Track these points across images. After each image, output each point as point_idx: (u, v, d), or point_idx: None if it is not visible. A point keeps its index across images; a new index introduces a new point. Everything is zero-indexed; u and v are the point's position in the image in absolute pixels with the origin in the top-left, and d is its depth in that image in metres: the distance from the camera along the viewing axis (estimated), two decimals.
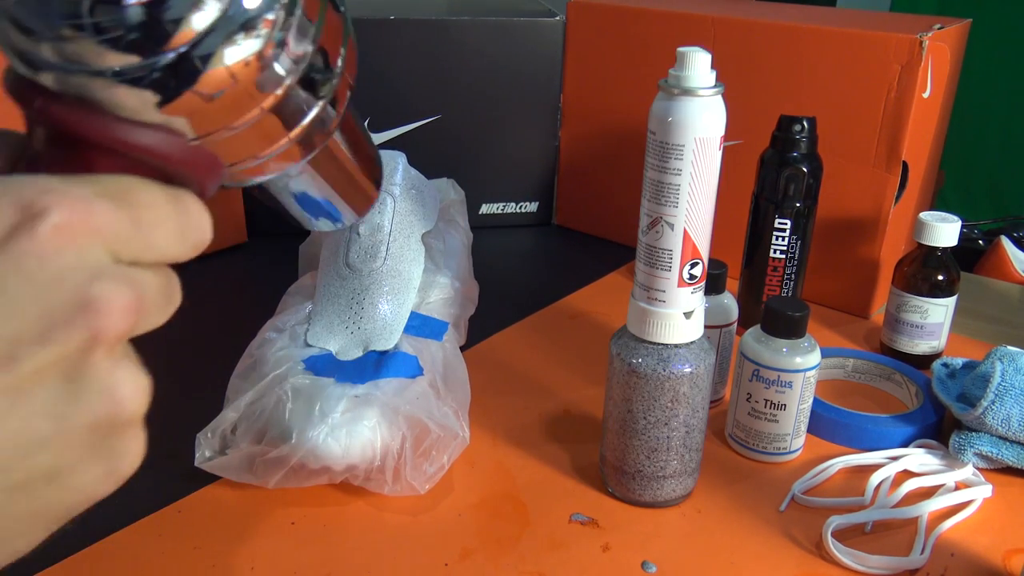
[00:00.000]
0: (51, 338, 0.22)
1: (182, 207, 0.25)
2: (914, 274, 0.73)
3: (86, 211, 0.22)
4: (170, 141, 0.24)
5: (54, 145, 0.24)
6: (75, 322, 0.22)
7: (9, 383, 0.21)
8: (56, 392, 0.22)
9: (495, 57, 0.97)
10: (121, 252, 0.23)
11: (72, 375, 0.23)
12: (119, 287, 0.23)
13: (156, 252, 0.24)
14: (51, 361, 0.22)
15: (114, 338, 0.23)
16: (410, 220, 0.67)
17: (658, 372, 0.52)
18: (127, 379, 0.24)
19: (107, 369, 0.23)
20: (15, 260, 0.21)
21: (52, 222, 0.22)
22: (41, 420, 0.22)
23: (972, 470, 0.59)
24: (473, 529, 0.54)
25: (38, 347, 0.22)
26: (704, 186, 0.49)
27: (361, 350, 0.60)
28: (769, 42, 0.82)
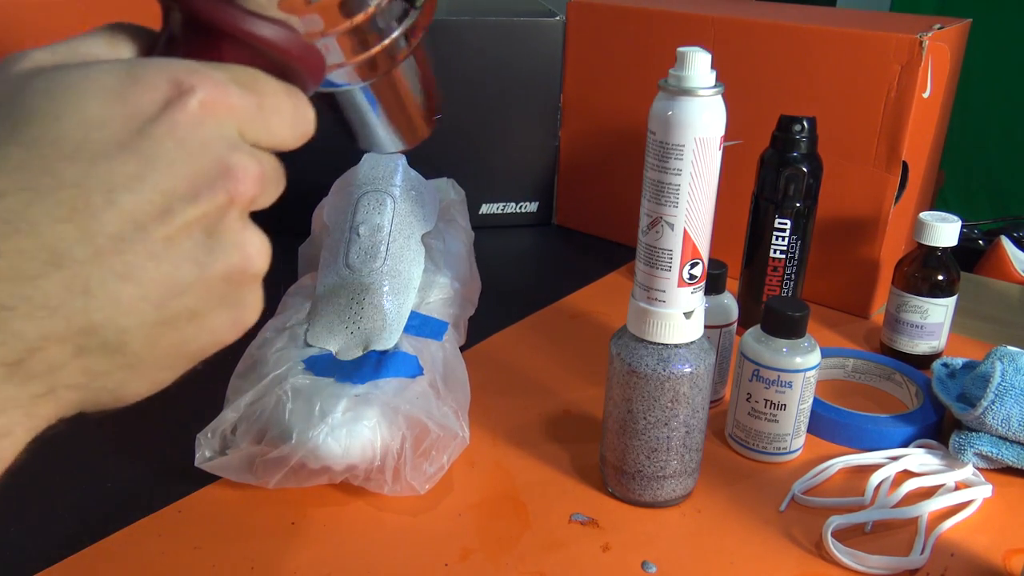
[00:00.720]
0: (198, 196, 0.25)
1: (295, 99, 0.29)
2: (914, 274, 0.73)
3: (224, 92, 0.26)
4: (289, 36, 0.28)
5: (190, 32, 0.28)
6: (217, 184, 0.26)
7: (165, 233, 0.25)
8: (200, 244, 0.26)
9: (495, 57, 0.97)
10: (247, 132, 0.27)
11: (212, 231, 0.26)
12: (250, 159, 0.27)
13: (273, 136, 0.28)
14: (197, 217, 0.25)
15: (246, 202, 0.27)
16: (410, 221, 0.67)
17: (658, 372, 0.52)
18: (254, 239, 0.28)
19: (239, 229, 0.27)
20: (170, 127, 0.25)
21: (199, 97, 0.25)
22: (188, 266, 0.26)
23: (972, 470, 0.59)
24: (473, 529, 0.54)
25: (188, 203, 0.25)
26: (704, 186, 0.49)
27: (361, 350, 0.60)
28: (769, 42, 0.82)
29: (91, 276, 0.24)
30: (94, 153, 0.24)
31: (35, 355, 0.24)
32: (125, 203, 0.24)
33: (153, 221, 0.25)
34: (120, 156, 0.24)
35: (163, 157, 0.25)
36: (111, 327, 0.24)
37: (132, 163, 0.24)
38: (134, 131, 0.24)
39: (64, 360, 0.24)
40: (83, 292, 0.24)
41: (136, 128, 0.24)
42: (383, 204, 0.66)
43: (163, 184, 0.25)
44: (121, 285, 0.24)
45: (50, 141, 0.24)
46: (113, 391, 0.26)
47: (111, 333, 0.25)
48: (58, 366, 0.24)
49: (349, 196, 0.68)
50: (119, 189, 0.24)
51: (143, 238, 0.24)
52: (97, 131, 0.24)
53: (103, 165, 0.24)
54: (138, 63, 0.26)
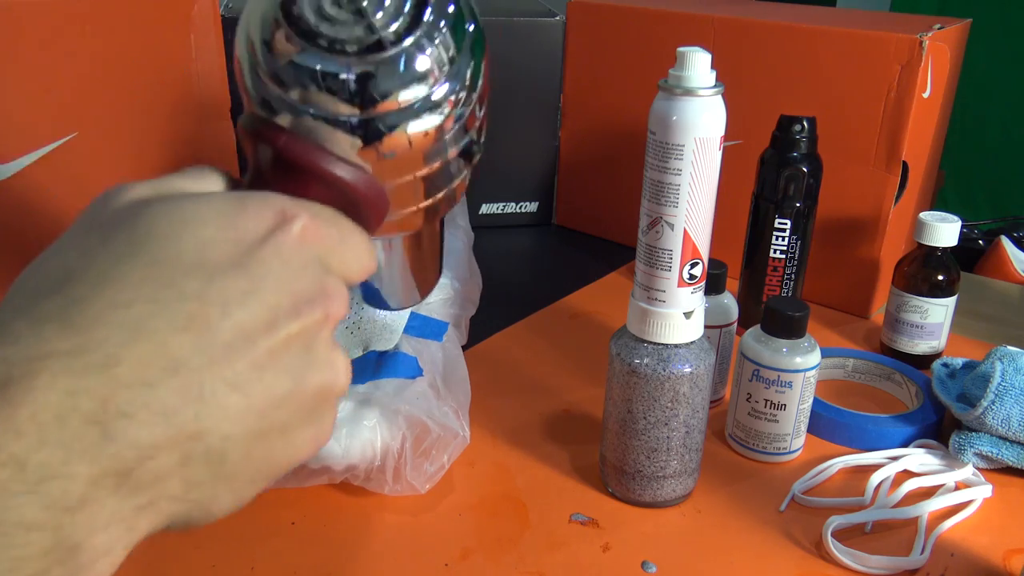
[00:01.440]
0: (300, 312, 0.27)
1: (364, 237, 0.31)
2: (914, 274, 0.73)
3: (318, 223, 0.28)
4: (365, 178, 0.31)
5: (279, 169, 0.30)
6: (316, 302, 0.28)
7: (270, 345, 0.26)
8: (298, 358, 0.27)
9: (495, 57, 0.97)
10: (330, 263, 0.29)
11: (309, 346, 0.28)
12: (340, 281, 0.29)
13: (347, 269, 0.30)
14: (298, 332, 0.27)
15: (336, 320, 0.29)
16: None
17: (658, 372, 0.52)
18: (343, 358, 0.29)
19: (331, 347, 0.29)
20: (276, 249, 0.27)
21: (301, 224, 0.28)
22: (287, 379, 0.27)
23: (972, 470, 0.59)
24: (473, 529, 0.54)
25: (291, 319, 0.27)
26: (704, 186, 0.49)
27: (361, 350, 0.60)
28: (769, 42, 0.82)
29: (204, 384, 0.25)
30: (211, 270, 0.26)
31: (145, 464, 0.24)
32: (238, 316, 0.26)
33: (261, 333, 0.26)
34: (233, 273, 0.26)
35: (270, 275, 0.26)
36: (217, 435, 0.25)
37: (244, 280, 0.26)
38: (244, 252, 0.26)
39: (170, 468, 0.25)
40: (196, 399, 0.25)
41: (246, 249, 0.26)
42: None
43: (270, 300, 0.26)
44: (230, 394, 0.25)
45: (171, 258, 0.25)
46: (205, 506, 0.27)
47: (216, 440, 0.25)
48: (164, 475, 0.25)
49: None
50: (233, 303, 0.26)
51: (251, 349, 0.26)
52: (212, 251, 0.26)
53: (219, 281, 0.26)
54: (246, 194, 0.28)
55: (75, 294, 0.24)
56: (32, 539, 0.22)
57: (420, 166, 0.33)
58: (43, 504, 0.22)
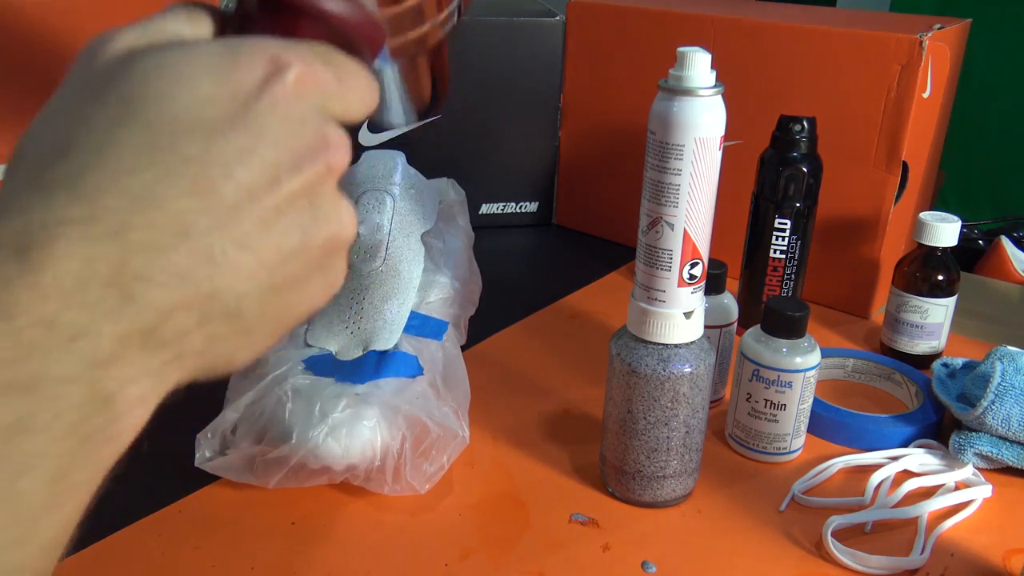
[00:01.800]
0: (302, 166, 0.27)
1: (363, 74, 0.30)
2: (914, 274, 0.73)
3: (313, 68, 0.28)
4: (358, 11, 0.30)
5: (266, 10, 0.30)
6: (317, 154, 0.27)
7: (274, 202, 0.27)
8: (304, 212, 0.28)
9: (495, 57, 0.97)
10: (330, 106, 0.29)
11: (314, 200, 0.28)
12: (340, 130, 0.29)
13: (348, 109, 0.30)
14: (301, 186, 0.27)
15: (340, 171, 0.29)
16: (410, 220, 0.67)
17: (658, 372, 0.52)
18: (348, 207, 0.30)
19: (335, 198, 0.29)
20: (272, 102, 0.27)
21: (294, 73, 0.27)
22: (294, 233, 0.27)
23: (972, 470, 0.59)
24: (473, 529, 0.54)
25: (293, 173, 0.27)
26: (704, 186, 0.49)
27: (361, 350, 0.60)
28: (769, 42, 0.82)
29: (214, 245, 0.25)
30: (209, 130, 0.26)
31: (166, 322, 0.25)
32: (240, 176, 0.26)
33: (264, 191, 0.26)
34: (232, 132, 0.26)
35: (269, 131, 0.26)
36: (231, 293, 0.26)
37: (243, 138, 0.26)
38: (240, 107, 0.26)
39: (190, 326, 0.26)
40: (208, 261, 0.25)
41: (242, 104, 0.26)
42: (383, 203, 0.66)
43: (271, 156, 0.26)
44: (240, 253, 0.26)
45: (168, 121, 0.25)
46: (227, 357, 0.28)
47: (231, 299, 0.26)
48: (185, 332, 0.26)
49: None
50: (234, 163, 0.26)
51: (257, 208, 0.26)
52: (209, 109, 0.26)
53: (219, 141, 0.26)
54: (235, 42, 0.27)
55: (79, 161, 0.25)
56: (70, 391, 0.23)
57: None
58: (75, 360, 0.23)
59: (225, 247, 0.26)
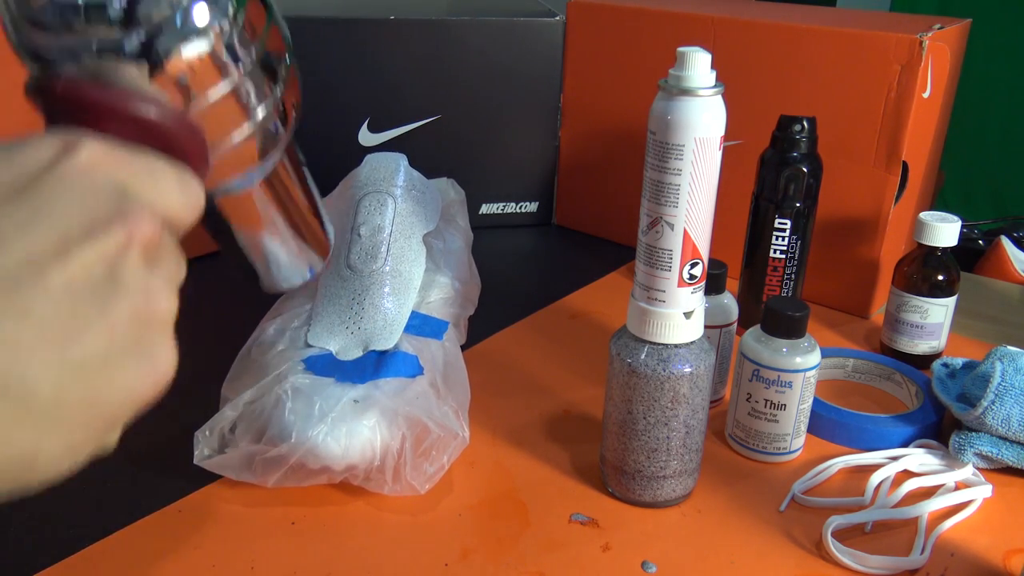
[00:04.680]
0: (94, 236, 0.26)
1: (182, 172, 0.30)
2: (914, 274, 0.73)
3: (112, 149, 0.28)
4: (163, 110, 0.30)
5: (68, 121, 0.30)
6: (112, 223, 0.27)
7: (63, 273, 0.25)
8: (100, 285, 0.26)
9: (495, 57, 0.97)
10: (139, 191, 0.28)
11: (113, 271, 0.27)
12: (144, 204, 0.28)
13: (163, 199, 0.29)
14: (96, 257, 0.26)
15: (146, 242, 0.28)
16: (411, 221, 0.67)
17: (658, 372, 0.52)
18: (159, 282, 0.28)
19: (142, 268, 0.28)
20: (60, 176, 0.26)
21: (87, 150, 0.27)
22: (88, 306, 0.26)
23: (972, 470, 0.59)
24: (473, 529, 0.54)
25: (85, 243, 0.26)
26: (704, 186, 0.49)
27: (361, 350, 0.60)
28: (769, 42, 0.82)
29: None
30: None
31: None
32: (17, 247, 0.25)
33: (49, 262, 0.25)
34: (9, 207, 0.25)
35: (54, 202, 0.26)
36: (13, 371, 0.24)
37: (23, 210, 0.25)
38: (24, 185, 0.26)
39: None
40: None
41: (25, 182, 0.26)
42: (384, 205, 0.66)
43: (57, 226, 0.26)
44: (20, 325, 0.24)
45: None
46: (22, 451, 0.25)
47: (13, 379, 0.24)
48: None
49: (351, 197, 0.68)
50: (10, 234, 0.25)
51: (40, 279, 0.25)
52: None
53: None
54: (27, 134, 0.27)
55: None
56: None
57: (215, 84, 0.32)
58: None
59: (3, 321, 0.24)
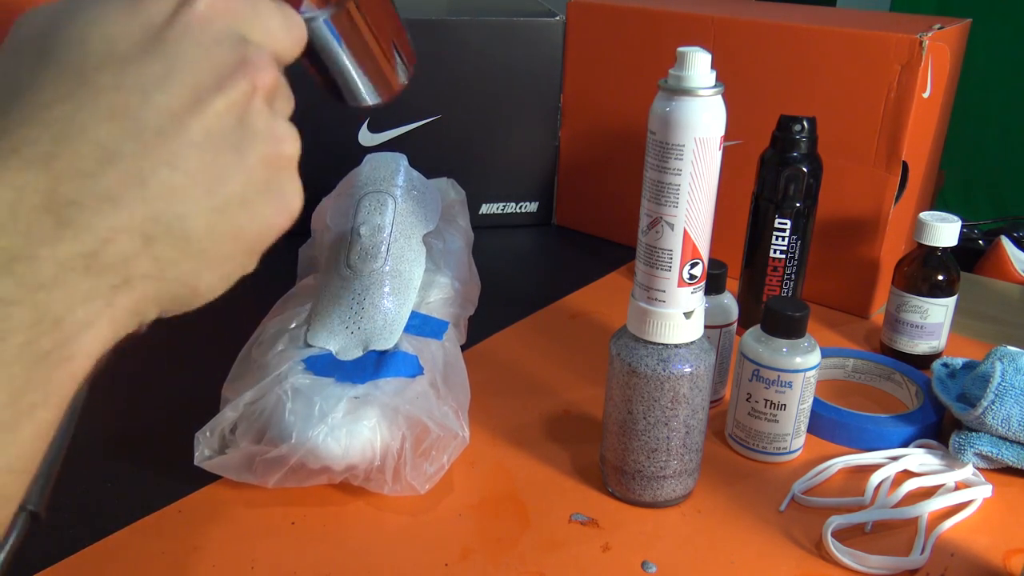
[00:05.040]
0: (224, 86, 0.28)
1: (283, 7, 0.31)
2: (914, 274, 0.73)
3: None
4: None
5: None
6: (239, 74, 0.28)
7: (201, 123, 0.27)
8: (234, 130, 0.28)
9: (495, 57, 0.97)
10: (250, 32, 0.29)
11: (243, 118, 0.28)
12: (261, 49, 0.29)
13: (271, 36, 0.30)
14: (227, 105, 0.28)
15: (268, 88, 0.29)
16: (411, 221, 0.67)
17: (658, 372, 0.52)
18: (283, 124, 0.30)
19: (267, 114, 0.29)
20: (184, 29, 0.27)
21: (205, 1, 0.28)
22: (227, 152, 0.28)
23: (972, 470, 0.59)
24: (473, 529, 0.54)
25: (216, 94, 0.28)
26: (704, 186, 0.49)
27: (361, 350, 0.60)
28: (769, 42, 0.82)
29: (143, 168, 0.26)
30: (121, 61, 0.27)
31: (107, 246, 0.25)
32: (159, 100, 0.27)
33: (188, 113, 0.27)
34: (145, 59, 0.27)
35: (183, 55, 0.27)
36: (170, 213, 0.27)
37: (157, 64, 0.27)
38: (152, 37, 0.27)
39: (134, 249, 0.26)
40: (139, 183, 0.26)
41: (154, 34, 0.27)
42: (384, 204, 0.66)
43: (188, 79, 0.27)
44: (171, 173, 0.27)
45: (79, 59, 0.26)
46: (186, 283, 0.28)
47: (172, 219, 0.27)
48: (130, 255, 0.26)
49: (351, 197, 0.68)
50: (151, 88, 0.27)
51: (182, 129, 0.27)
52: (120, 43, 0.27)
53: (132, 69, 0.27)
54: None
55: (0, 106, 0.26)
56: (14, 313, 0.24)
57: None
58: (15, 283, 0.24)
59: (155, 169, 0.26)
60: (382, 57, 0.42)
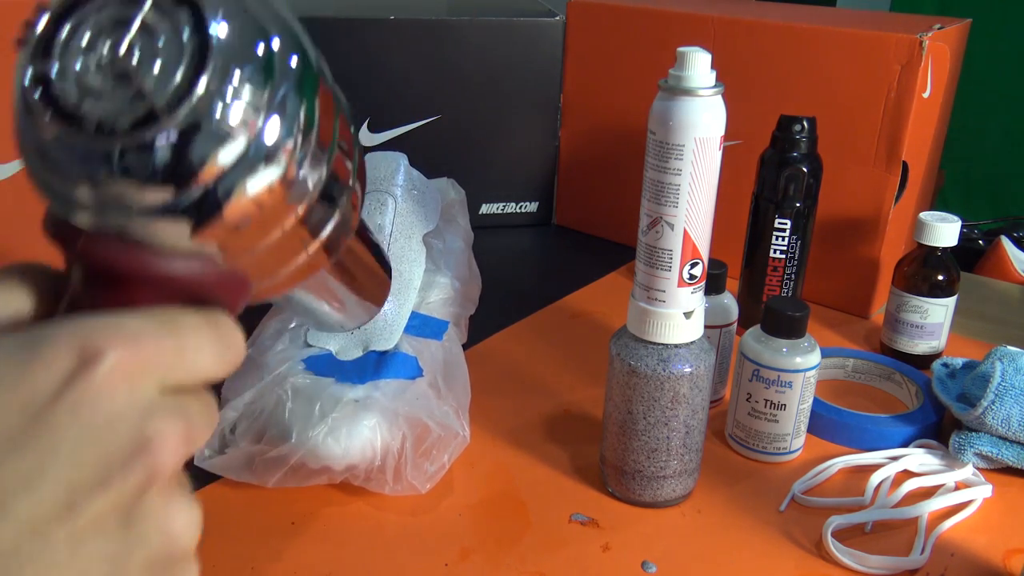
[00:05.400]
0: (109, 483, 0.22)
1: (217, 327, 0.26)
2: (914, 274, 0.73)
3: (137, 347, 0.23)
4: (204, 268, 0.25)
5: (93, 284, 0.25)
6: (132, 464, 0.22)
7: (69, 532, 0.22)
8: (113, 537, 0.23)
9: (495, 57, 0.97)
10: (167, 380, 0.24)
11: (128, 518, 0.23)
12: (171, 421, 0.23)
13: (198, 374, 0.25)
14: (109, 506, 0.22)
15: (168, 473, 0.23)
16: (411, 221, 0.67)
17: (658, 372, 0.52)
18: (180, 514, 0.24)
19: (161, 506, 0.24)
20: (72, 409, 0.22)
21: (108, 364, 0.22)
22: (100, 565, 0.22)
23: (972, 470, 0.59)
24: (473, 529, 0.54)
25: (97, 492, 0.22)
26: (704, 186, 0.49)
27: (361, 350, 0.60)
28: (769, 42, 0.82)
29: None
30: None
31: None
32: (20, 511, 0.21)
33: (54, 524, 0.22)
34: (12, 456, 0.21)
35: (63, 446, 0.21)
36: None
37: (27, 460, 0.21)
38: (30, 420, 0.21)
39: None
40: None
41: (32, 416, 0.21)
42: (384, 204, 0.66)
43: (64, 476, 0.22)
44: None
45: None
46: None
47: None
48: None
49: None
50: (12, 494, 0.21)
51: (42, 547, 0.21)
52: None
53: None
54: (37, 334, 0.22)
55: None
56: None
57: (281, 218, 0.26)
58: None
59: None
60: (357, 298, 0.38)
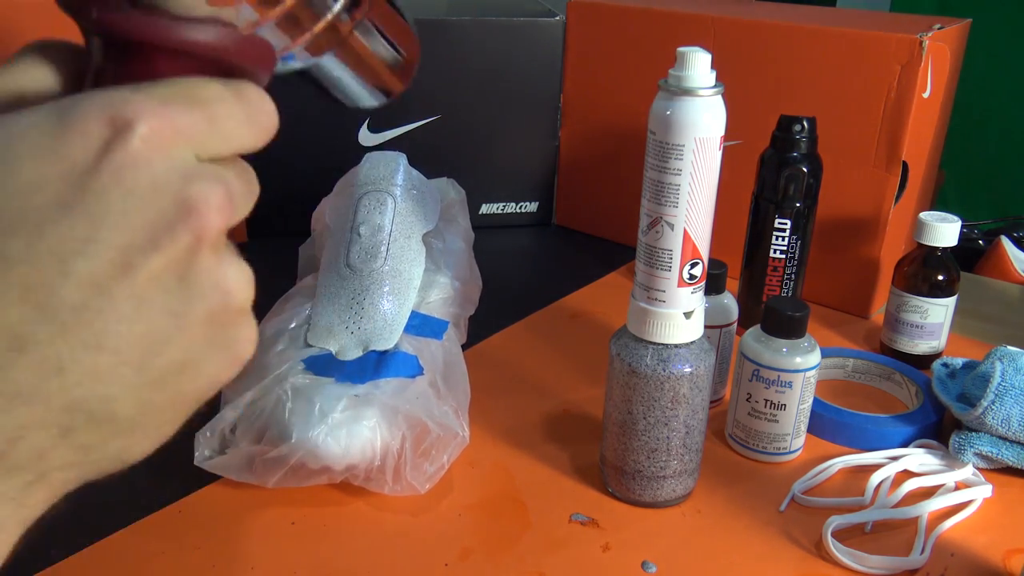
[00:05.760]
0: (160, 243, 0.23)
1: (246, 97, 0.26)
2: (914, 274, 0.73)
3: (167, 116, 0.23)
4: (224, 33, 0.25)
5: (115, 56, 0.25)
6: (179, 225, 0.23)
7: (130, 290, 0.23)
8: (172, 292, 0.24)
9: (495, 57, 0.97)
10: (203, 150, 0.24)
11: (184, 275, 0.24)
12: (211, 185, 0.24)
13: (232, 144, 0.25)
14: (163, 265, 0.23)
15: (215, 234, 0.24)
16: (411, 220, 0.67)
17: (658, 372, 0.52)
18: (232, 271, 0.26)
19: (213, 264, 0.25)
20: (114, 175, 0.22)
21: (140, 132, 0.23)
22: (163, 319, 0.24)
23: (972, 470, 0.59)
24: (473, 529, 0.54)
25: (150, 254, 0.23)
26: (704, 186, 0.49)
27: (361, 350, 0.60)
28: (769, 42, 0.82)
29: (60, 353, 0.22)
30: (37, 221, 0.22)
31: (17, 445, 0.22)
32: (81, 270, 0.22)
33: (115, 282, 0.23)
34: (65, 220, 0.22)
35: (112, 210, 0.22)
36: (94, 400, 0.23)
37: (80, 225, 0.22)
38: (75, 187, 0.22)
39: (50, 443, 0.23)
40: (56, 372, 0.22)
41: (77, 183, 0.22)
42: (384, 204, 0.66)
43: (117, 240, 0.22)
44: (95, 356, 0.23)
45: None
46: (114, 458, 0.25)
47: (95, 405, 0.23)
48: (45, 450, 0.23)
49: (350, 196, 0.68)
50: (71, 256, 0.22)
51: (108, 302, 0.23)
52: (36, 196, 0.22)
53: (49, 233, 0.22)
54: (67, 105, 0.23)
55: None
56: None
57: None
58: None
59: (75, 353, 0.22)
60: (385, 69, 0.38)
